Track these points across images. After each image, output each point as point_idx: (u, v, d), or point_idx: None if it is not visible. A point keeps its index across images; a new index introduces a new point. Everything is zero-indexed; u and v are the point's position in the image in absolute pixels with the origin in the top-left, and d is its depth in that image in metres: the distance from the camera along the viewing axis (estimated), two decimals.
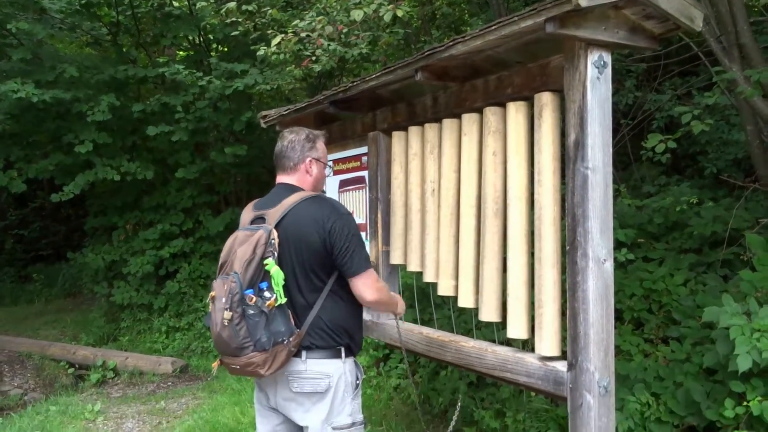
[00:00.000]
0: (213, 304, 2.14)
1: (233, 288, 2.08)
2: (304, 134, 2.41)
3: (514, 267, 2.41)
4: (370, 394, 4.87)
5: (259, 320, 2.09)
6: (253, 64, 6.40)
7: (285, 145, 2.41)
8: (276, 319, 2.14)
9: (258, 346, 2.09)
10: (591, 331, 2.09)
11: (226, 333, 2.08)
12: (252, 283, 2.11)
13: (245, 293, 2.09)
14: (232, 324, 2.07)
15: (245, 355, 2.09)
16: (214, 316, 2.12)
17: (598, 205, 2.10)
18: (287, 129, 2.50)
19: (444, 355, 2.79)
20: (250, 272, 2.11)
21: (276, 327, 2.13)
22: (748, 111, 3.77)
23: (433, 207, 2.87)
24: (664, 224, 4.24)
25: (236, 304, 2.07)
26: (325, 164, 2.49)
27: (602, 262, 2.11)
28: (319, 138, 2.46)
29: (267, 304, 2.11)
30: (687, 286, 3.64)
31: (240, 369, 2.14)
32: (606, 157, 2.13)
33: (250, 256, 2.11)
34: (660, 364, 3.20)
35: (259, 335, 2.09)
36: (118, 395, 6.09)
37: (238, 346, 2.08)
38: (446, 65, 2.60)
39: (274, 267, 2.13)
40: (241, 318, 2.08)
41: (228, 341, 2.09)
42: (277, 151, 2.44)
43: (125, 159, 7.11)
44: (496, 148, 2.51)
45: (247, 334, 2.08)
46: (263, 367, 2.11)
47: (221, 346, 2.13)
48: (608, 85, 2.15)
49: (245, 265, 2.10)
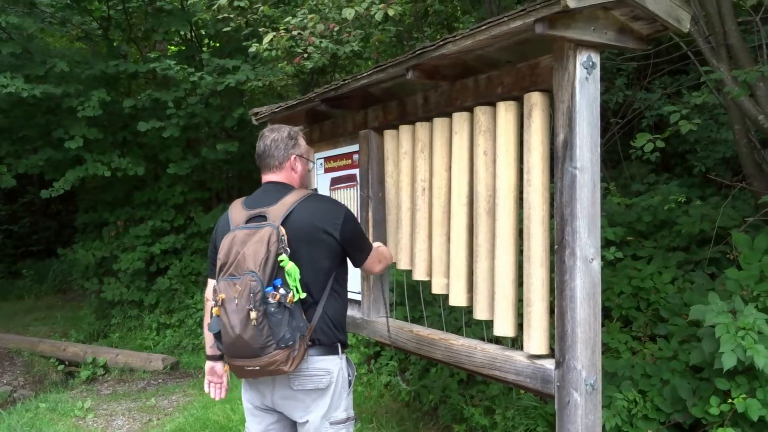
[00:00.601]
0: (223, 308, 2.09)
1: (254, 287, 2.04)
2: (286, 132, 2.42)
3: (502, 265, 2.42)
4: (361, 391, 4.88)
5: (281, 317, 2.07)
6: (245, 60, 6.39)
7: (268, 144, 2.40)
8: (296, 314, 2.13)
9: (281, 343, 2.07)
10: (578, 330, 2.11)
11: (249, 333, 2.04)
12: (269, 281, 2.08)
13: (266, 291, 2.06)
14: (257, 323, 2.04)
15: (267, 354, 2.06)
16: (227, 320, 2.08)
17: (585, 204, 2.12)
18: (267, 128, 2.49)
19: (434, 353, 2.81)
20: (268, 270, 2.08)
21: (297, 321, 2.12)
22: (735, 111, 3.80)
23: (423, 205, 2.88)
24: (653, 222, 4.28)
25: (259, 303, 2.04)
26: (308, 159, 2.51)
27: (590, 261, 2.13)
28: (299, 134, 2.46)
29: (288, 300, 2.09)
30: (675, 284, 3.67)
31: (260, 369, 2.10)
32: (594, 157, 2.15)
33: (265, 253, 2.09)
34: (647, 361, 3.23)
35: (283, 332, 2.07)
36: (108, 392, 6.08)
37: (261, 345, 2.05)
38: (437, 64, 2.61)
39: (290, 263, 2.12)
40: (263, 316, 2.05)
41: (251, 342, 2.05)
42: (260, 151, 2.42)
43: (116, 155, 7.08)
44: (487, 147, 2.53)
45: (269, 332, 2.05)
46: (287, 363, 2.09)
47: (240, 349, 2.08)
48: (597, 85, 2.17)
49: (262, 263, 2.07)
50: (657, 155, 4.24)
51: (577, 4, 1.88)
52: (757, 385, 2.62)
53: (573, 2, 1.87)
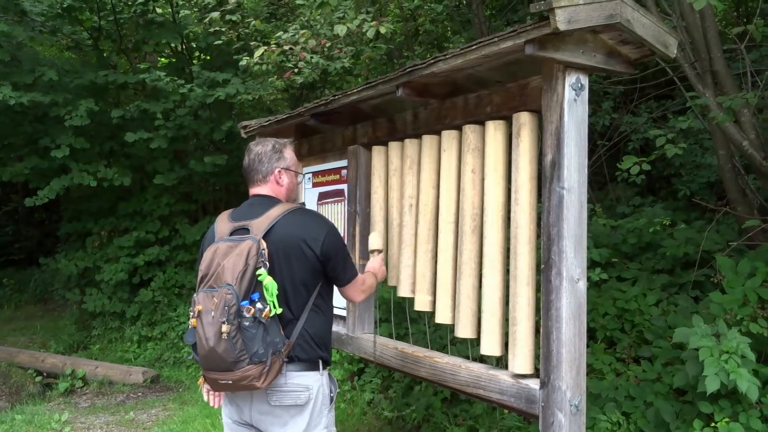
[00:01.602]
0: (199, 320, 2.08)
1: (229, 300, 2.03)
2: (270, 145, 2.40)
3: (489, 284, 2.42)
4: (344, 408, 4.84)
5: (255, 332, 2.06)
6: (235, 74, 6.39)
7: (252, 158, 2.40)
8: (272, 328, 2.11)
9: (254, 358, 2.05)
10: (563, 350, 2.11)
11: (222, 347, 2.02)
12: (246, 294, 2.07)
13: (241, 305, 2.05)
14: (229, 337, 2.02)
15: (240, 368, 2.04)
16: (203, 332, 2.06)
17: (572, 225, 2.13)
18: (253, 142, 2.49)
19: (418, 371, 2.80)
20: (245, 283, 2.07)
21: (272, 337, 2.10)
22: (720, 136, 3.85)
23: (411, 222, 2.88)
24: (638, 244, 4.31)
25: (233, 317, 2.02)
26: (296, 172, 2.48)
27: (576, 282, 2.13)
28: (286, 147, 2.44)
29: (263, 315, 2.07)
30: (659, 307, 3.69)
31: (233, 384, 2.09)
32: (581, 177, 2.16)
33: (243, 267, 2.08)
34: (631, 383, 3.24)
35: (256, 347, 2.06)
36: (86, 405, 5.98)
37: (234, 359, 2.04)
38: (427, 82, 2.63)
39: (268, 278, 2.11)
40: (237, 330, 2.03)
41: (223, 356, 2.03)
42: (245, 165, 2.43)
43: (102, 165, 7.03)
44: (475, 166, 2.54)
45: (243, 347, 2.04)
46: (259, 379, 2.07)
47: (213, 361, 2.06)
48: (585, 107, 2.19)
49: (239, 276, 2.06)
50: (643, 178, 4.28)
51: (567, 26, 1.91)
52: (740, 409, 2.63)
53: (563, 24, 1.90)
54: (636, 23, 2.10)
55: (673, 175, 5.52)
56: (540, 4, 1.91)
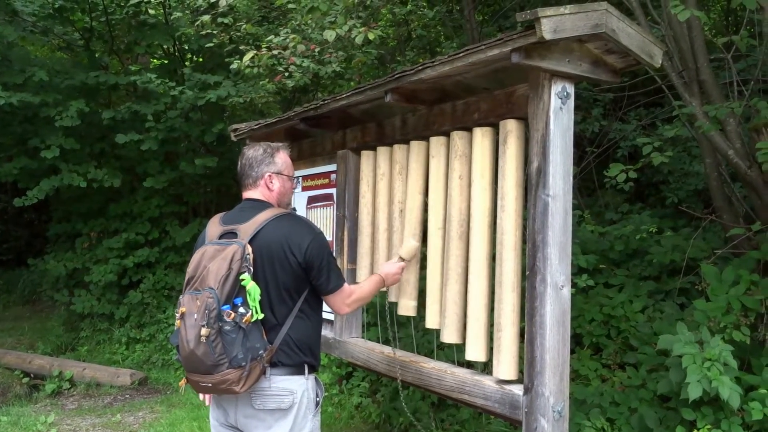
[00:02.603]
0: (183, 321, 2.09)
1: (210, 303, 2.04)
2: (262, 149, 2.41)
3: (475, 290, 2.44)
4: (331, 412, 4.84)
5: (235, 337, 2.07)
6: (227, 77, 6.39)
7: (244, 163, 2.41)
8: (252, 334, 2.12)
9: (234, 362, 2.06)
10: (547, 356, 2.12)
11: (201, 350, 2.04)
12: (228, 298, 2.08)
13: (222, 309, 2.06)
14: (209, 340, 2.04)
15: (219, 372, 2.06)
16: (184, 334, 2.07)
17: (557, 232, 2.15)
18: (246, 145, 2.50)
19: (404, 376, 2.81)
20: (227, 288, 2.08)
21: (252, 342, 2.11)
22: (706, 145, 3.89)
23: (399, 227, 2.89)
24: (625, 251, 4.34)
25: (213, 320, 2.04)
26: (288, 177, 2.47)
27: (560, 288, 2.15)
28: (278, 151, 2.44)
29: (244, 320, 2.09)
30: (645, 313, 3.72)
31: (212, 387, 2.10)
32: (566, 185, 2.18)
33: (227, 271, 2.09)
34: (616, 389, 3.26)
35: (236, 352, 2.07)
36: (73, 407, 5.94)
37: (214, 363, 2.05)
38: (415, 88, 2.64)
39: (251, 282, 2.12)
40: (217, 334, 2.05)
41: (203, 358, 2.05)
42: (238, 169, 2.45)
43: (93, 166, 7.00)
44: (462, 172, 2.55)
45: (222, 350, 2.05)
46: (238, 384, 2.08)
47: (194, 363, 2.08)
48: (571, 115, 2.21)
49: (222, 280, 2.07)
50: (631, 185, 4.31)
51: (552, 35, 1.92)
52: (722, 416, 2.65)
53: (549, 34, 1.91)
54: (621, 33, 2.12)
55: (662, 183, 5.56)
56: (526, 14, 1.93)
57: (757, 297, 3.03)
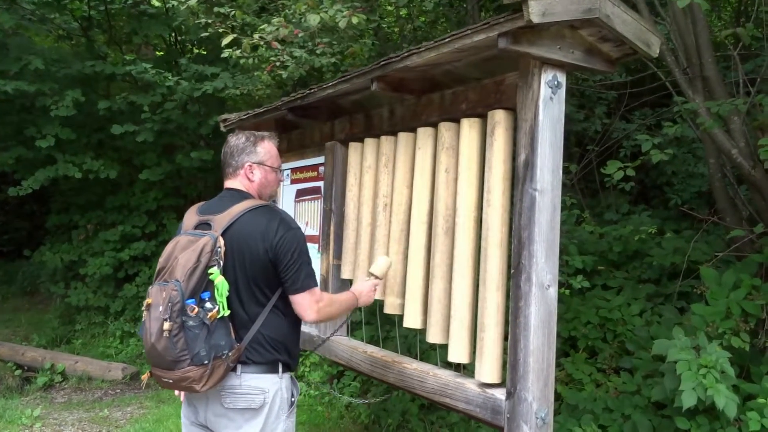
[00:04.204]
0: (148, 313, 2.01)
1: (174, 297, 1.96)
2: (245, 137, 2.29)
3: (459, 288, 2.33)
4: (321, 411, 4.74)
5: (199, 333, 1.98)
6: (226, 68, 6.29)
7: (226, 151, 2.32)
8: (217, 331, 2.02)
9: (196, 359, 1.97)
10: (531, 359, 2.01)
11: (162, 345, 1.96)
12: (194, 292, 1.99)
13: (186, 303, 1.97)
14: (171, 335, 1.95)
15: (180, 369, 1.97)
16: (148, 325, 2.00)
17: (544, 228, 2.03)
18: (231, 133, 2.39)
19: (387, 377, 2.70)
20: (194, 281, 1.99)
21: (216, 340, 2.02)
22: (711, 144, 3.76)
23: (384, 222, 2.78)
24: (625, 253, 4.21)
25: (176, 314, 1.95)
26: (272, 167, 2.33)
27: (546, 288, 2.03)
28: (262, 140, 2.31)
29: (209, 316, 1.99)
30: (643, 317, 3.60)
31: (173, 383, 2.02)
32: (555, 179, 2.07)
33: (194, 263, 2.00)
34: (610, 395, 3.13)
35: (198, 348, 1.97)
36: (62, 401, 5.87)
37: (174, 359, 1.97)
38: (403, 77, 2.53)
39: (219, 277, 2.02)
40: (180, 329, 1.96)
41: (163, 353, 1.97)
42: (221, 157, 2.35)
43: (89, 156, 6.92)
44: (449, 165, 2.44)
45: (184, 346, 1.96)
46: (199, 382, 1.99)
47: (155, 358, 2.01)
48: (561, 106, 2.09)
49: (188, 272, 1.99)
50: (632, 185, 4.19)
51: (541, 19, 1.81)
52: (718, 426, 2.53)
53: (537, 17, 1.80)
54: (616, 19, 2.00)
55: (666, 184, 5.42)
56: None
57: (758, 302, 2.90)
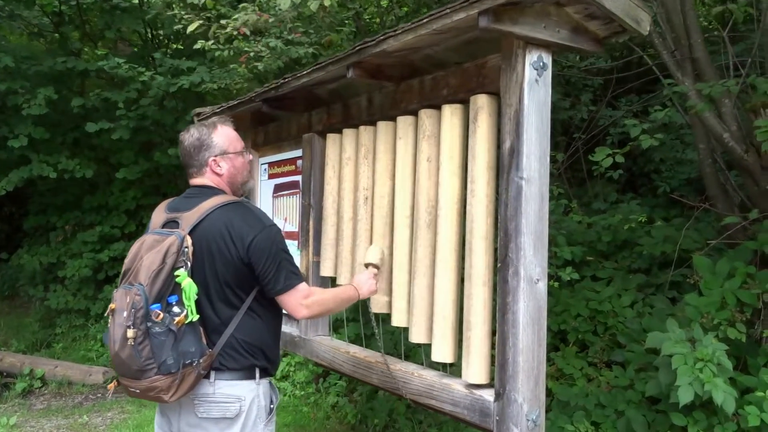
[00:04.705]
0: (112, 318, 1.88)
1: (137, 302, 1.82)
2: (197, 133, 2.12)
3: (442, 284, 2.21)
4: (307, 412, 4.61)
5: (165, 339, 1.85)
6: (203, 62, 6.12)
7: (184, 152, 2.15)
8: (186, 337, 1.89)
9: (163, 368, 1.84)
10: (520, 359, 1.89)
11: (126, 353, 1.83)
12: (159, 296, 1.86)
13: (151, 308, 1.83)
14: (135, 343, 1.82)
15: (147, 378, 1.84)
16: (112, 332, 1.87)
17: (532, 219, 1.91)
18: (182, 131, 2.22)
19: (370, 378, 2.58)
20: (158, 284, 1.85)
21: (185, 347, 1.88)
22: (701, 129, 3.66)
23: (365, 216, 2.65)
24: (614, 242, 4.11)
25: (140, 321, 1.82)
26: (236, 152, 2.16)
27: (535, 282, 1.92)
28: (215, 129, 2.13)
29: (176, 321, 1.86)
30: (634, 308, 3.50)
31: (141, 393, 1.89)
32: (543, 167, 1.95)
33: (159, 265, 1.86)
34: (602, 390, 3.03)
35: (165, 356, 1.84)
36: (41, 407, 5.69)
37: (140, 368, 1.84)
38: (380, 63, 2.40)
39: (187, 279, 1.89)
40: (144, 336, 1.83)
41: (128, 362, 1.84)
42: (181, 158, 2.19)
43: (65, 156, 6.72)
44: (431, 154, 2.31)
45: (150, 354, 1.83)
46: (168, 392, 1.87)
47: (120, 366, 1.88)
48: (548, 89, 1.97)
49: (153, 275, 1.85)
50: (620, 172, 4.09)
51: None
52: (716, 421, 2.43)
53: None
54: None
55: (654, 172, 5.33)
56: None
57: (754, 291, 2.80)
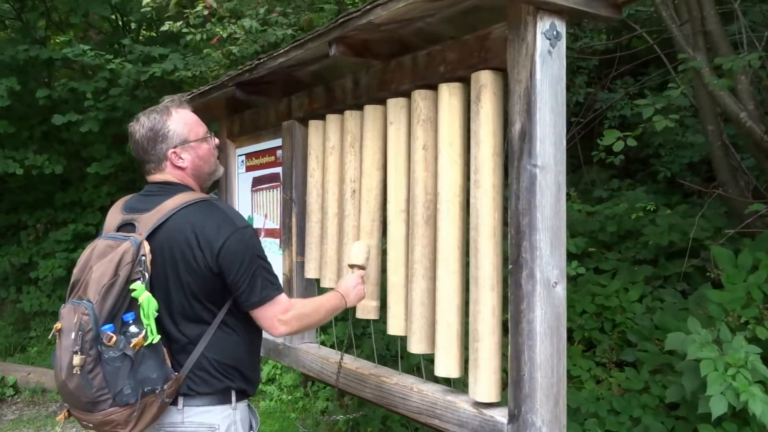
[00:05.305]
0: (59, 340, 1.60)
1: (85, 323, 1.54)
2: (149, 123, 1.78)
3: (444, 288, 1.94)
4: (295, 418, 4.35)
5: (121, 365, 1.57)
6: (176, 49, 5.78)
7: (137, 147, 1.81)
8: (145, 362, 1.60)
9: (119, 399, 1.57)
10: (538, 375, 1.63)
11: (74, 383, 1.55)
12: (112, 315, 1.57)
13: (102, 330, 1.55)
14: (84, 371, 1.54)
15: (101, 410, 1.57)
16: (59, 357, 1.58)
17: (548, 213, 1.65)
18: (131, 122, 1.90)
19: (364, 392, 2.31)
20: (110, 300, 1.57)
21: (145, 373, 1.60)
22: (708, 109, 3.42)
23: (353, 211, 2.38)
24: (617, 232, 3.87)
25: (89, 345, 1.54)
26: (198, 139, 1.83)
27: (553, 286, 1.66)
28: (169, 115, 1.80)
29: (132, 344, 1.57)
30: (643, 303, 3.26)
31: (95, 426, 1.61)
32: (559, 153, 1.68)
33: (111, 278, 1.57)
34: (614, 393, 2.79)
35: (121, 385, 1.57)
36: (12, 417, 5.38)
37: (91, 399, 1.56)
38: (367, 39, 2.12)
39: (144, 293, 1.59)
40: (95, 362, 1.55)
41: (76, 393, 1.56)
42: (134, 153, 1.85)
43: (32, 151, 6.35)
44: (427, 141, 2.04)
45: (103, 384, 1.56)
46: (126, 425, 1.59)
47: (69, 397, 1.59)
48: (562, 61, 1.70)
49: (103, 290, 1.56)
50: (622, 158, 3.84)
51: None
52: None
53: None
54: None
55: (652, 156, 5.09)
56: None
57: None
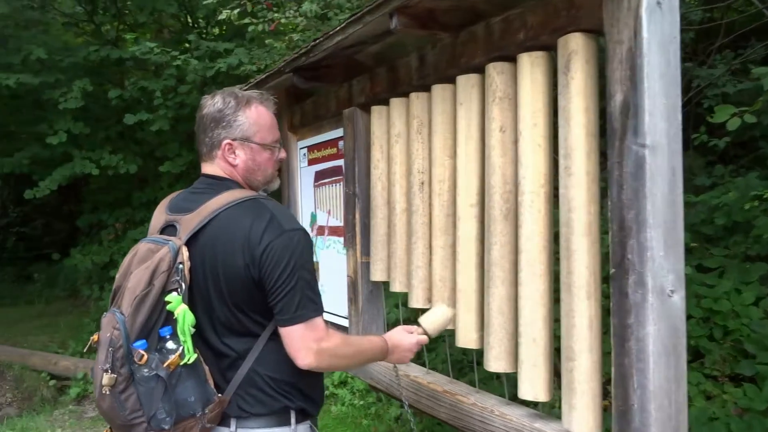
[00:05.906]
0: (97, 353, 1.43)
1: (116, 338, 1.37)
2: (221, 101, 1.58)
3: (528, 296, 1.64)
4: (367, 425, 4.14)
5: (155, 386, 1.38)
6: (242, 44, 5.69)
7: (197, 122, 1.63)
8: (182, 383, 1.41)
9: (154, 423, 1.39)
10: (651, 406, 1.32)
11: (107, 403, 1.38)
12: (147, 329, 1.40)
13: (133, 347, 1.37)
14: (115, 391, 1.37)
15: None
16: (95, 372, 1.43)
17: (660, 205, 1.33)
18: (206, 95, 1.72)
19: (437, 411, 2.04)
20: (144, 313, 1.39)
21: (182, 395, 1.41)
22: None
23: (422, 205, 2.11)
24: (724, 225, 3.41)
25: (119, 363, 1.37)
26: (263, 144, 1.62)
27: (669, 296, 1.33)
28: (247, 105, 1.59)
29: (167, 364, 1.38)
30: (760, 306, 2.82)
31: None
32: (673, 129, 1.35)
33: (145, 288, 1.39)
34: (731, 413, 2.39)
35: (155, 409, 1.38)
36: (92, 415, 5.44)
37: (125, 422, 1.39)
38: (433, 8, 1.85)
39: (181, 306, 1.40)
40: (127, 382, 1.38)
41: (109, 414, 1.40)
42: (195, 129, 1.68)
43: (107, 151, 6.45)
44: (505, 122, 1.74)
45: (137, 405, 1.38)
46: None
47: (105, 416, 1.44)
48: (675, 16, 1.37)
49: (136, 302, 1.39)
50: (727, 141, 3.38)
51: None
52: None
53: None
54: None
55: (759, 138, 4.53)
56: None
57: None
